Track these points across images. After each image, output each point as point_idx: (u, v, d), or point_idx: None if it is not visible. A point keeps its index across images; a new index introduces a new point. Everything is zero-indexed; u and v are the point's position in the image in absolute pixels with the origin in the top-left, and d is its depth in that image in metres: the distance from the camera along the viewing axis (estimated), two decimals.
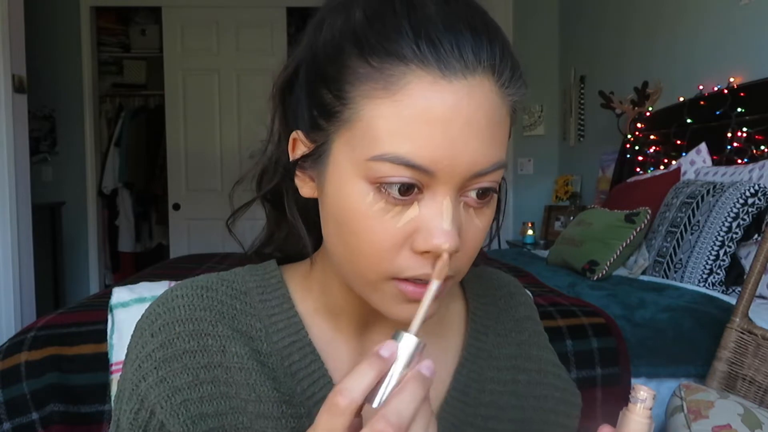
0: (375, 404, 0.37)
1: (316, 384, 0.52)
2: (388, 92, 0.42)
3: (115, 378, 1.23)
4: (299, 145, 0.50)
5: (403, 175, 0.42)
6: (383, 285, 0.46)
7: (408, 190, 0.43)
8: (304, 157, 0.49)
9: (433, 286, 0.42)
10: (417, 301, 0.43)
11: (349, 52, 0.44)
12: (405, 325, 0.41)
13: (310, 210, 0.54)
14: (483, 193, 0.45)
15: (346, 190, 0.45)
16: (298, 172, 0.51)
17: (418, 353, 0.39)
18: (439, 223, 0.43)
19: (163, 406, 0.49)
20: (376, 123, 0.43)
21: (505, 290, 0.65)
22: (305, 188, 0.51)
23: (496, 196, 0.48)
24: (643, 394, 0.44)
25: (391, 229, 0.44)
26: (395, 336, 0.39)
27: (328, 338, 0.54)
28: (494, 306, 0.63)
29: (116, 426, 0.52)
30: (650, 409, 0.44)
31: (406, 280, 0.45)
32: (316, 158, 0.48)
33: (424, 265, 0.44)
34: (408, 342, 0.39)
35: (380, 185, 0.43)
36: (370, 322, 0.55)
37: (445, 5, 0.44)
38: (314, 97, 0.47)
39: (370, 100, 0.43)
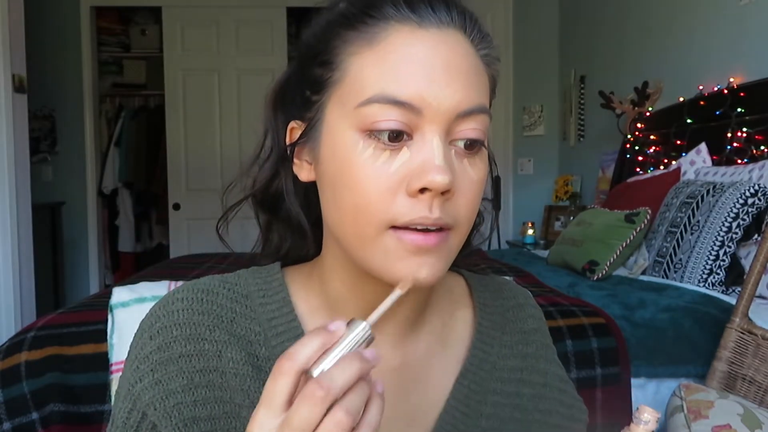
0: (315, 373, 0.38)
1: None
2: (371, 45, 0.47)
3: (115, 378, 1.23)
4: (296, 132, 0.53)
5: (391, 118, 0.45)
6: (383, 238, 0.46)
7: (397, 137, 0.46)
8: (301, 136, 0.52)
9: (395, 294, 0.43)
10: (419, 251, 0.45)
11: (337, 28, 0.49)
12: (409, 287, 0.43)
13: (311, 209, 0.56)
14: (470, 144, 0.48)
15: (339, 144, 0.48)
16: (295, 160, 0.54)
17: (365, 342, 0.40)
18: (431, 159, 0.45)
19: (157, 408, 0.49)
20: (362, 73, 0.47)
21: (514, 301, 0.64)
22: (303, 172, 0.54)
23: (485, 150, 0.50)
24: (647, 416, 0.44)
25: (384, 174, 0.46)
26: (350, 322, 0.40)
27: None
28: (501, 317, 0.62)
29: (112, 422, 0.53)
30: None
31: (405, 228, 0.46)
32: (311, 131, 0.51)
33: (420, 208, 0.45)
34: (359, 328, 0.40)
35: (370, 132, 0.46)
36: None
37: None
38: (306, 80, 0.51)
39: (356, 57, 0.47)
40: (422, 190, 0.45)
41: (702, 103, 2.40)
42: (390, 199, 0.45)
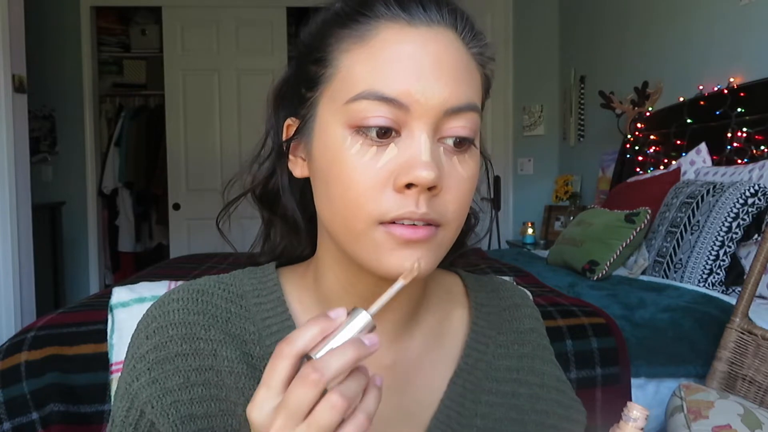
0: (315, 357, 0.39)
1: None
2: (362, 42, 0.48)
3: (115, 378, 1.23)
4: (291, 129, 0.54)
5: (379, 114, 0.46)
6: (373, 232, 0.47)
7: (385, 133, 0.46)
8: (296, 132, 0.53)
9: (397, 284, 0.43)
10: (408, 243, 0.46)
11: (331, 26, 0.50)
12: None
13: (307, 206, 0.57)
14: (460, 142, 0.48)
15: (329, 140, 0.48)
16: (290, 156, 0.54)
17: (365, 330, 0.41)
18: (418, 156, 0.45)
19: (154, 406, 0.50)
20: (353, 69, 0.47)
21: (510, 301, 0.64)
22: (297, 169, 0.54)
23: (475, 149, 0.50)
24: (636, 413, 0.44)
25: (372, 169, 0.46)
26: (352, 311, 0.41)
27: None
28: (497, 317, 0.62)
29: (111, 422, 0.53)
30: (641, 429, 0.43)
31: (393, 223, 0.46)
32: (304, 127, 0.52)
33: (407, 204, 0.45)
34: (359, 316, 0.41)
35: (358, 128, 0.46)
36: None
37: None
38: (302, 78, 0.52)
39: (348, 54, 0.48)
40: (409, 186, 0.45)
41: (702, 103, 2.40)
42: (378, 194, 0.46)
